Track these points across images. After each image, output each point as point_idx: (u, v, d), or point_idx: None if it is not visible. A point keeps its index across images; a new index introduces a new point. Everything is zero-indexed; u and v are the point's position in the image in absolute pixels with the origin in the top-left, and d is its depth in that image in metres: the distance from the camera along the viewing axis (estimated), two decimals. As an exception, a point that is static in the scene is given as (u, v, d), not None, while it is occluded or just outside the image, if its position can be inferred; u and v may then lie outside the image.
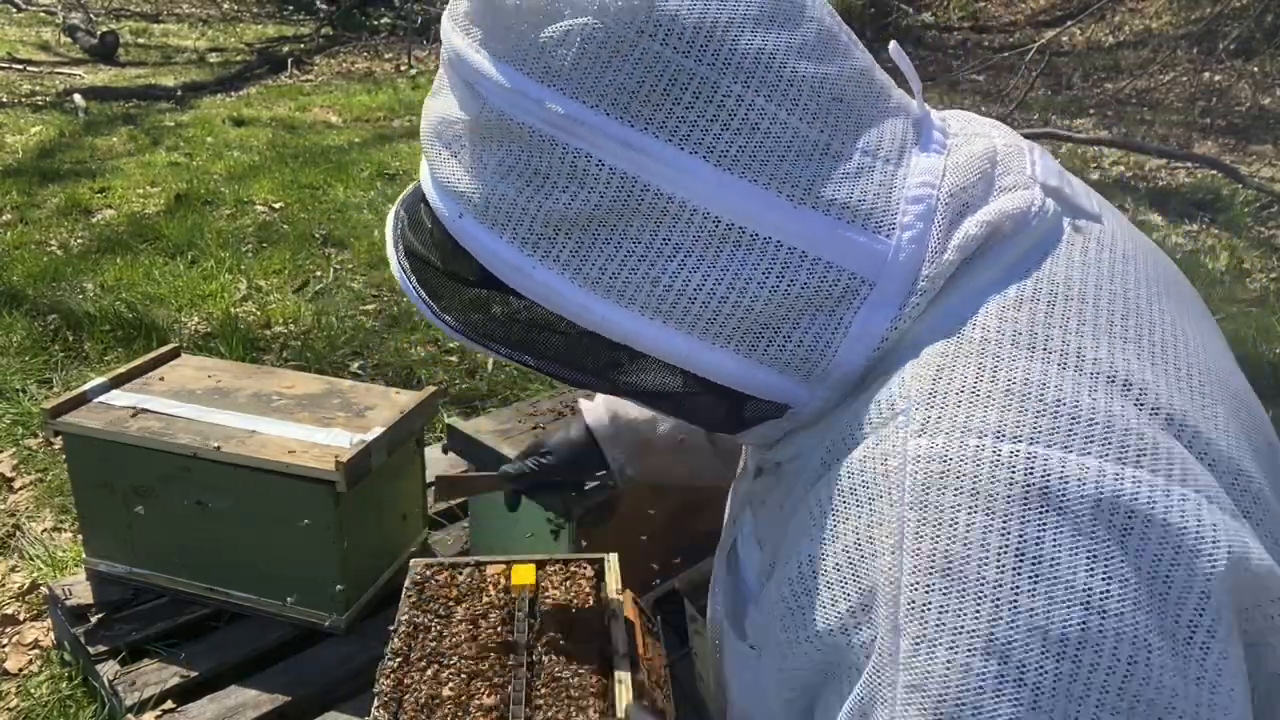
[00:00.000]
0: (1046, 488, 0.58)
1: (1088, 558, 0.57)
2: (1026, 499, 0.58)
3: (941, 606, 0.59)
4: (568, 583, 1.47)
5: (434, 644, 1.34)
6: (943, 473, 0.60)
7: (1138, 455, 0.60)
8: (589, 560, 1.53)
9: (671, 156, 0.65)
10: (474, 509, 2.12)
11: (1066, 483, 0.58)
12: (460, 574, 1.49)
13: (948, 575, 0.59)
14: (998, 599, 0.57)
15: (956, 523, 0.59)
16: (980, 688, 0.57)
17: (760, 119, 0.66)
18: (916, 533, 0.60)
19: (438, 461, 2.44)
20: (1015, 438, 0.60)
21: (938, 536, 0.59)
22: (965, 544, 0.59)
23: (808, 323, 0.68)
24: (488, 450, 1.96)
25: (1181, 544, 0.58)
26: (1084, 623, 0.56)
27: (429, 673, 1.28)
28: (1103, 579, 0.57)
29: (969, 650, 0.58)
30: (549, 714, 1.20)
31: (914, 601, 0.59)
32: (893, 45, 0.77)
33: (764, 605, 0.76)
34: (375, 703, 1.22)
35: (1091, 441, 0.60)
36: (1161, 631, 0.57)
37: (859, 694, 0.63)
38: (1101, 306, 0.68)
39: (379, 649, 1.37)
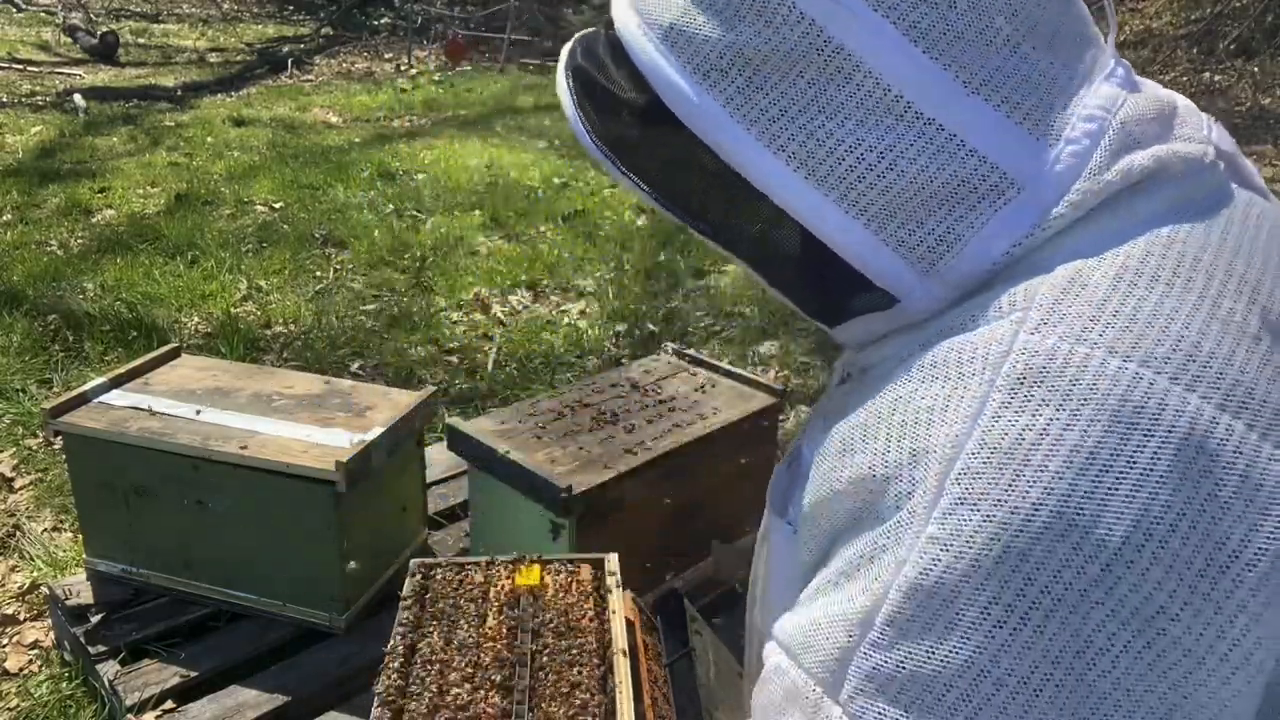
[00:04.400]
0: (1141, 408, 0.58)
1: (1156, 483, 0.56)
2: (1118, 413, 0.58)
3: (994, 479, 0.58)
4: (568, 583, 1.47)
5: (435, 644, 1.34)
6: (1044, 369, 0.60)
7: (1240, 406, 0.59)
8: (589, 560, 1.53)
9: (864, 13, 0.65)
10: (474, 508, 2.12)
11: (1163, 410, 0.58)
12: (461, 574, 1.49)
13: (1012, 455, 0.58)
14: (1051, 488, 0.57)
15: (1039, 414, 0.59)
16: (998, 558, 0.57)
17: (959, 1, 0.65)
18: (996, 413, 0.60)
19: (437, 461, 2.44)
20: (1126, 357, 0.59)
21: (1016, 422, 0.59)
22: (1041, 434, 0.58)
23: (944, 213, 0.67)
24: (488, 450, 1.96)
25: (1253, 501, 0.57)
26: (1127, 538, 0.56)
27: (430, 673, 1.28)
28: (1162, 508, 0.56)
29: (1004, 524, 0.57)
30: (550, 714, 1.20)
31: (969, 468, 0.59)
32: None
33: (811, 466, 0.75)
34: (375, 703, 1.22)
35: (1200, 381, 0.59)
36: (1200, 577, 0.56)
37: (874, 538, 0.63)
38: (1253, 268, 0.66)
39: (379, 649, 1.37)
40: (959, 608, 0.58)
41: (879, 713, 0.61)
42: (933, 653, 0.59)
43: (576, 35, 0.83)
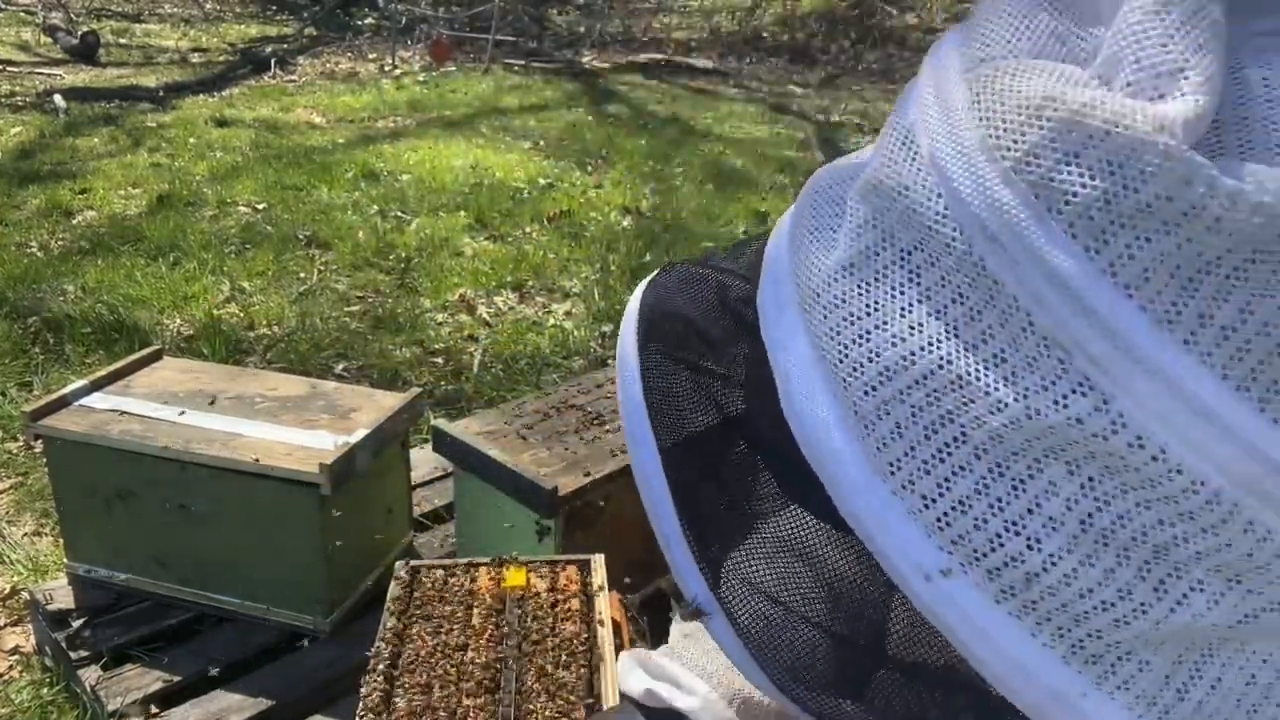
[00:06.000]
0: None
1: None
2: None
3: None
4: (553, 584, 1.47)
5: (421, 647, 1.33)
6: None
7: None
8: (575, 562, 1.52)
9: (1210, 393, 0.35)
10: (460, 510, 2.12)
11: None
12: (446, 576, 1.48)
13: None
14: None
15: None
16: None
17: None
18: None
19: (422, 463, 2.43)
20: None
21: None
22: None
23: None
24: (474, 452, 1.95)
25: None
26: None
27: (416, 676, 1.27)
28: None
29: None
30: (537, 715, 1.19)
31: None
32: None
33: None
34: (361, 706, 1.21)
35: None
36: None
37: None
38: None
39: (364, 652, 1.37)
40: None
41: None
42: None
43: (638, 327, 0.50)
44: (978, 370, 0.36)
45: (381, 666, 1.30)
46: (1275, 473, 0.34)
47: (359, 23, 10.64)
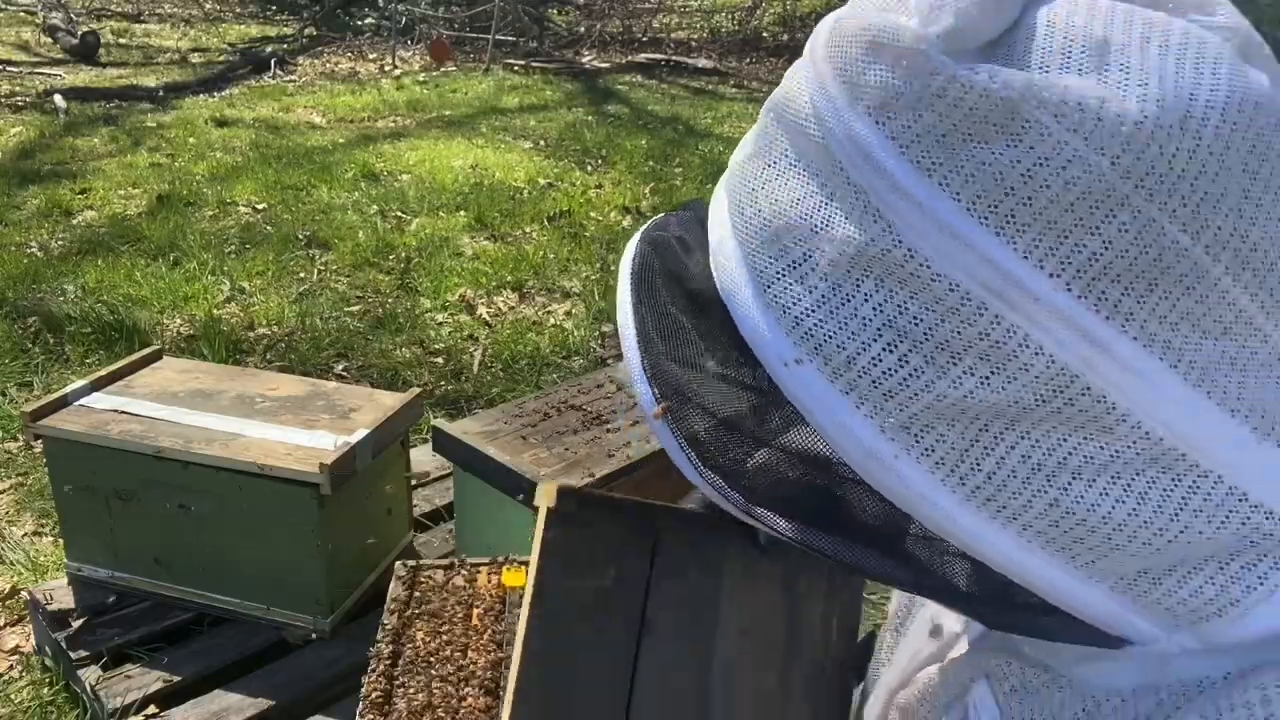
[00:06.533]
0: None
1: None
2: None
3: None
4: (554, 584, 1.47)
5: (421, 647, 1.33)
6: None
7: None
8: (575, 562, 1.52)
9: (1130, 356, 0.50)
10: (460, 510, 2.12)
11: None
12: (446, 576, 1.48)
13: None
14: None
15: None
16: None
17: (1243, 327, 0.51)
18: None
19: (422, 463, 2.43)
20: None
21: None
22: None
23: (1213, 571, 0.55)
24: (474, 452, 1.95)
25: None
26: None
27: (416, 676, 1.27)
28: None
29: None
30: (536, 716, 1.19)
31: None
32: None
33: None
34: (361, 706, 1.21)
35: None
36: None
37: None
38: None
39: (364, 652, 1.36)
40: None
41: None
42: None
43: (651, 234, 0.65)
44: (826, 216, 0.52)
45: (381, 666, 1.30)
46: (1010, 282, 0.48)
47: (359, 23, 10.64)
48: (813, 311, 0.53)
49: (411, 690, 1.25)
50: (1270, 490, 0.53)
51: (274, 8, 11.97)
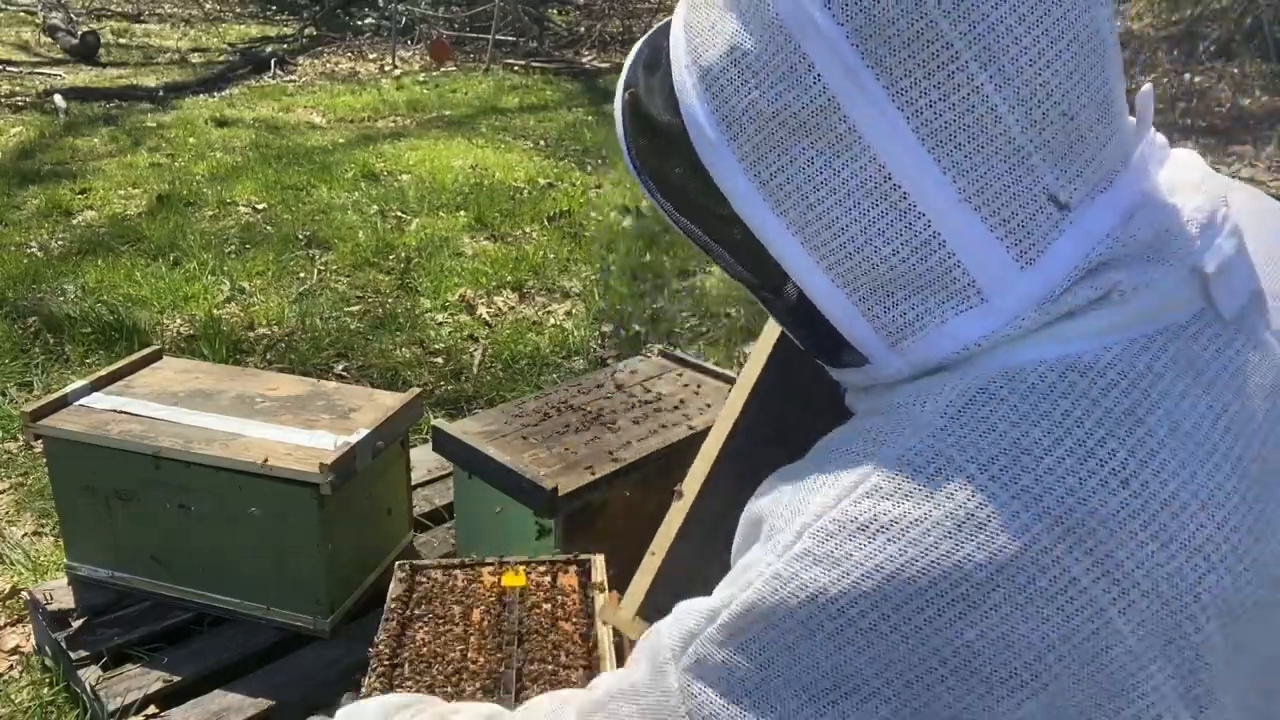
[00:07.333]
0: (983, 525, 0.63)
1: (969, 590, 0.63)
2: (962, 523, 0.64)
3: (837, 545, 0.66)
4: (553, 584, 1.47)
5: (420, 646, 1.33)
6: (926, 467, 0.66)
7: (1089, 552, 0.63)
8: (575, 561, 1.53)
9: (880, 102, 0.66)
10: (460, 510, 2.12)
11: (1002, 531, 0.63)
12: (446, 576, 1.49)
13: (866, 530, 0.65)
14: (873, 571, 0.64)
15: (902, 504, 0.65)
16: (804, 607, 0.66)
17: (978, 106, 0.65)
18: (871, 490, 0.67)
19: (422, 463, 2.43)
20: (993, 477, 0.64)
21: (885, 505, 0.65)
22: (892, 521, 0.64)
23: (917, 300, 0.71)
24: (474, 452, 1.95)
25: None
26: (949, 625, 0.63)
27: (416, 675, 1.27)
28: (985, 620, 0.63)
29: (822, 587, 0.66)
30: (535, 716, 1.19)
31: (823, 529, 0.67)
32: (1144, 90, 0.74)
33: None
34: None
35: (1059, 521, 0.63)
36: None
37: (750, 555, 0.74)
38: (1199, 438, 0.66)
39: (364, 652, 1.37)
40: (761, 633, 0.68)
41: (699, 690, 0.72)
42: (738, 662, 0.70)
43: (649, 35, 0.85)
44: (775, 72, 0.69)
45: (381, 666, 1.30)
46: (805, 16, 0.66)
47: (359, 23, 10.64)
48: (702, 36, 0.73)
49: (411, 690, 1.25)
50: (960, 243, 0.68)
51: (274, 8, 11.97)
